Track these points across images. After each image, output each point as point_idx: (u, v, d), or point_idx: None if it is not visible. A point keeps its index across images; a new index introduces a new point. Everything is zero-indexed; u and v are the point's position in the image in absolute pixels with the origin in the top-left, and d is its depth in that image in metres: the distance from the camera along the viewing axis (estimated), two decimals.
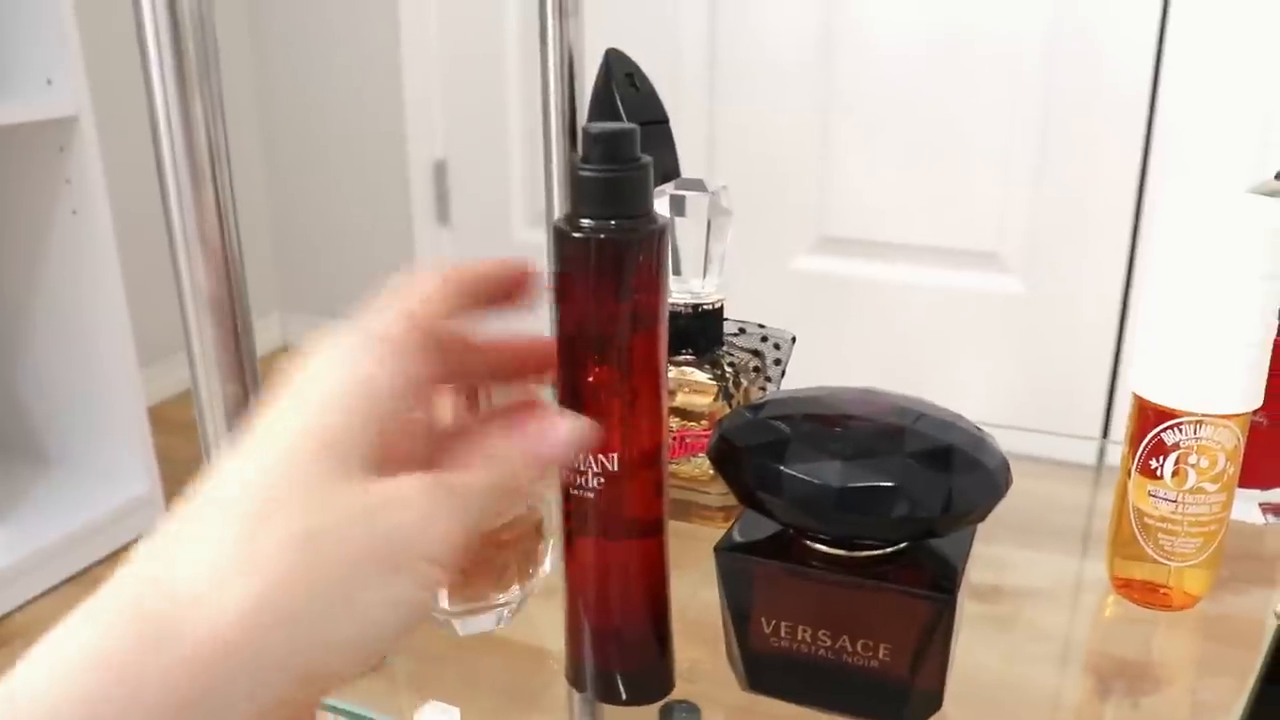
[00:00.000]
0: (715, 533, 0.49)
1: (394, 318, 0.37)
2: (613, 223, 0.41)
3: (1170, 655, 0.58)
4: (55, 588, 1.48)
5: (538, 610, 0.57)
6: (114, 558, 1.55)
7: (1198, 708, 0.53)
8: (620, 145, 0.41)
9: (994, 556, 0.63)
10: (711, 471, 0.61)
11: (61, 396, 1.63)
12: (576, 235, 0.41)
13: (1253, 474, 0.64)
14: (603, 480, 0.43)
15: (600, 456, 0.43)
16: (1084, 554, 0.66)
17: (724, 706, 0.52)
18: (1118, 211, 1.54)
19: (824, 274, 1.75)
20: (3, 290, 1.62)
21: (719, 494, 0.61)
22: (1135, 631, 0.58)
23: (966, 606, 0.56)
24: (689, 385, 0.60)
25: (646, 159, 0.41)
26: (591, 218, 0.41)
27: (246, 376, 0.50)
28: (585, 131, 0.41)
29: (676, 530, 0.48)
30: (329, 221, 2.20)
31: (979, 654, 0.54)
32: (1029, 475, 0.71)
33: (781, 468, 0.43)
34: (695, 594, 0.54)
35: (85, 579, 1.51)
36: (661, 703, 0.50)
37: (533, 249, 1.98)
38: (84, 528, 1.52)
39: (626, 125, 0.41)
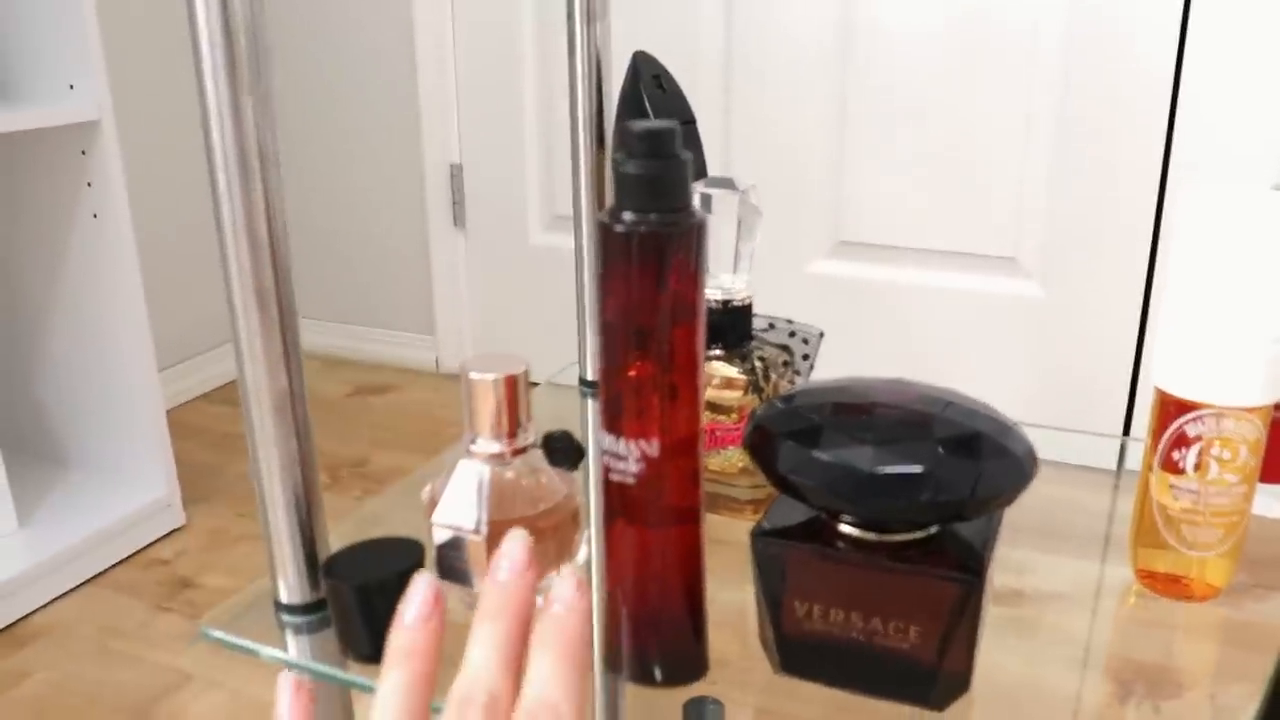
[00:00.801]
0: (741, 534, 0.50)
1: None
2: (653, 216, 0.42)
3: (1192, 658, 0.58)
4: (74, 590, 1.50)
5: None
6: (132, 560, 1.57)
7: (1219, 711, 0.54)
8: (662, 142, 0.42)
9: (1016, 560, 0.64)
10: (741, 465, 0.62)
11: (81, 399, 1.65)
12: (619, 229, 0.42)
13: (1275, 468, 0.65)
14: (642, 465, 0.45)
15: (641, 442, 0.44)
16: (1105, 557, 0.67)
17: (746, 706, 0.53)
18: (1137, 215, 1.55)
19: (841, 278, 1.76)
20: (24, 293, 1.63)
21: (748, 487, 0.63)
22: (1156, 634, 0.59)
23: (990, 609, 0.58)
24: (719, 379, 0.61)
25: (686, 155, 0.43)
26: (634, 211, 0.42)
27: (291, 369, 0.52)
28: (628, 129, 0.42)
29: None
30: (344, 225, 2.22)
31: (1001, 657, 0.54)
32: (1050, 480, 0.72)
33: (814, 453, 0.44)
34: (715, 596, 0.55)
35: (104, 581, 1.52)
36: (685, 699, 0.51)
37: (548, 253, 2.01)
38: (102, 530, 1.54)
39: (668, 122, 0.43)
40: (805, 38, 1.68)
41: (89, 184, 1.50)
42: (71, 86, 1.45)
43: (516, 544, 0.35)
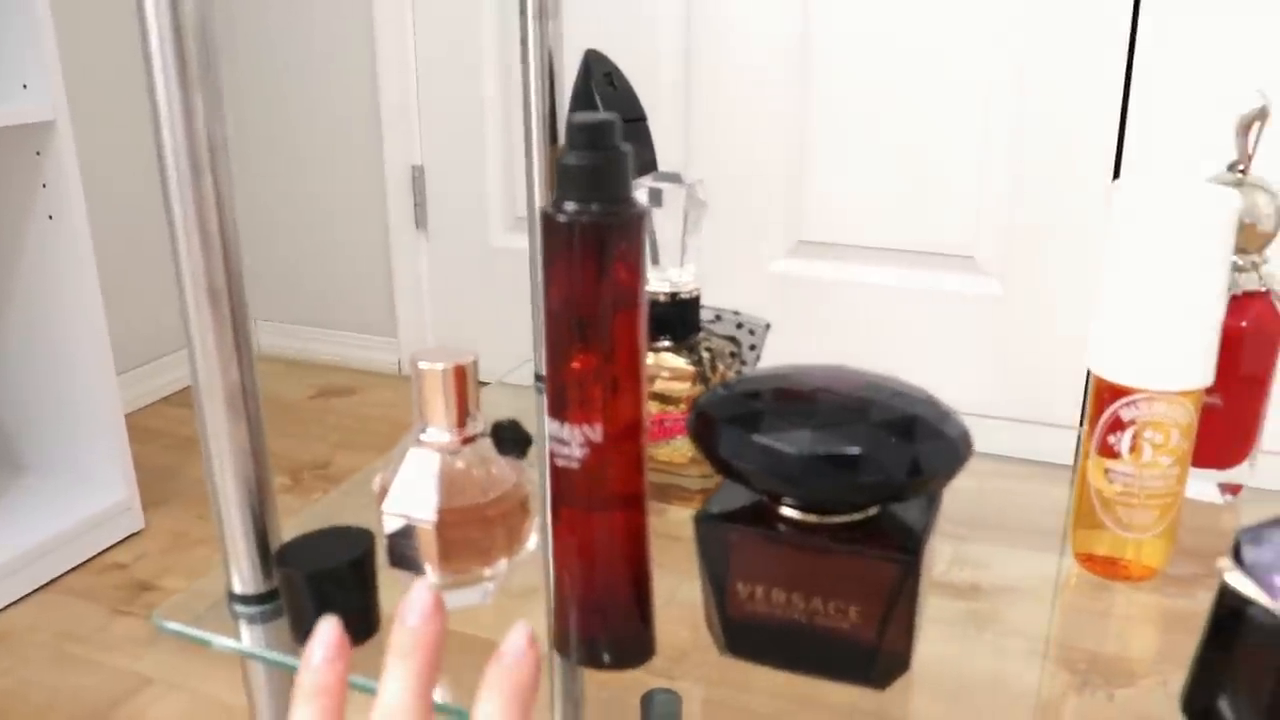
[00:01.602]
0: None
1: None
2: (595, 207, 0.43)
3: (1143, 645, 0.59)
4: (31, 594, 1.48)
5: (525, 589, 0.59)
6: (90, 564, 1.56)
7: (1170, 696, 0.56)
8: (601, 134, 0.43)
9: (973, 554, 0.65)
10: (690, 454, 0.63)
11: (38, 403, 1.63)
12: (561, 219, 0.43)
13: (1210, 455, 0.67)
14: (587, 451, 0.46)
15: (584, 427, 0.45)
16: (1062, 551, 0.69)
17: (702, 694, 0.54)
18: (1092, 214, 1.57)
19: (801, 277, 1.78)
20: None
21: (697, 476, 0.64)
22: (1109, 624, 0.60)
23: (945, 603, 0.59)
24: (667, 370, 0.62)
25: (626, 147, 0.44)
26: (575, 202, 0.43)
27: (243, 364, 0.52)
28: (569, 122, 0.43)
29: (654, 529, 0.50)
30: (304, 228, 2.21)
31: (958, 650, 0.56)
32: (1006, 475, 0.73)
33: (754, 437, 0.46)
34: (674, 589, 0.56)
35: (61, 586, 1.51)
36: (643, 690, 0.52)
37: (510, 254, 2.01)
38: (60, 534, 1.53)
39: (608, 115, 0.44)
40: (766, 37, 1.70)
41: (44, 185, 1.49)
42: (25, 86, 1.44)
43: (423, 591, 0.37)
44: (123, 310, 1.58)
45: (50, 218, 1.50)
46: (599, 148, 0.43)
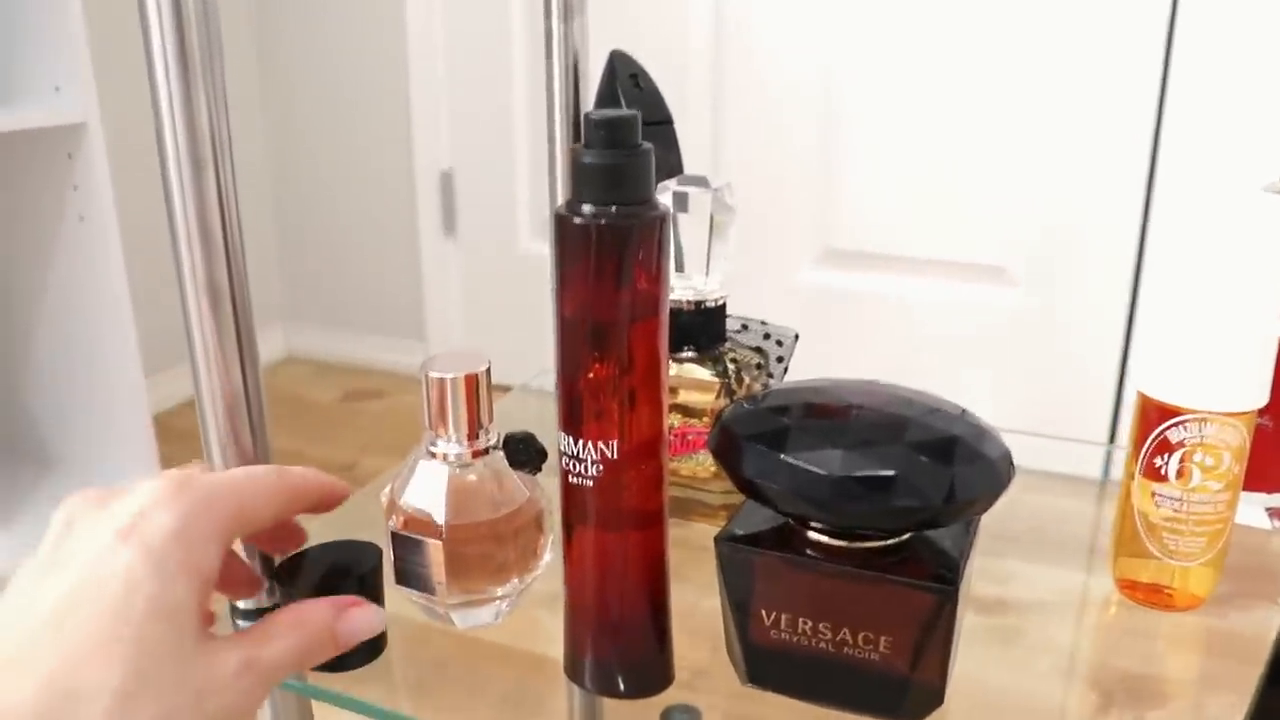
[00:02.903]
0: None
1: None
2: (614, 209, 0.41)
3: (1175, 667, 0.57)
4: None
5: (539, 613, 0.57)
6: None
7: None
8: (621, 131, 0.41)
9: (999, 569, 0.62)
10: (713, 469, 0.61)
11: (66, 402, 1.63)
12: (577, 221, 0.41)
13: (1259, 478, 0.64)
14: (601, 469, 0.43)
15: (600, 444, 0.43)
16: (1089, 567, 0.66)
17: (724, 714, 0.52)
18: (1124, 225, 1.54)
19: (828, 287, 1.75)
20: (10, 296, 1.62)
21: (720, 492, 0.61)
22: (1140, 644, 0.57)
23: (971, 619, 0.56)
24: (691, 382, 0.59)
25: (647, 145, 0.41)
26: (593, 203, 0.41)
27: (246, 369, 0.50)
28: (586, 117, 0.41)
29: (678, 540, 0.48)
30: (334, 231, 2.20)
31: (983, 667, 0.53)
32: (1034, 489, 0.71)
33: (781, 456, 0.43)
34: (697, 604, 0.54)
35: None
36: (663, 707, 0.49)
37: (538, 259, 2.00)
38: None
39: (628, 111, 0.41)
40: (795, 45, 1.67)
41: (75, 187, 1.49)
42: (57, 89, 1.44)
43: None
44: (151, 311, 1.58)
45: (81, 219, 1.50)
46: (620, 146, 0.41)
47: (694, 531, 0.61)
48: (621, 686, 0.48)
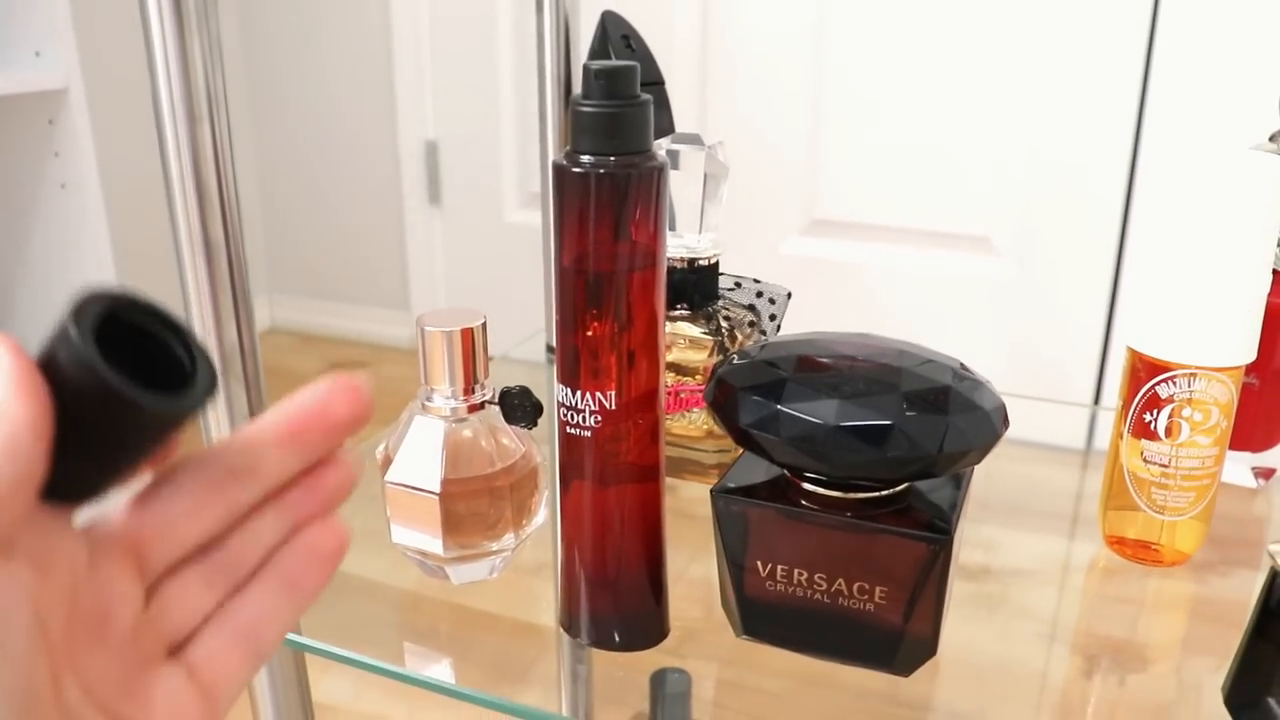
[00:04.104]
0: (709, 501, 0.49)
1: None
2: (613, 159, 0.41)
3: (1158, 632, 0.58)
4: None
5: (530, 579, 0.57)
6: None
7: (1184, 684, 0.54)
8: (620, 82, 0.41)
9: (984, 537, 0.63)
10: (706, 427, 0.61)
11: None
12: (576, 170, 0.41)
13: (1245, 437, 0.64)
14: (600, 420, 0.43)
15: (598, 394, 0.43)
16: (1074, 533, 0.67)
17: (716, 676, 0.52)
18: (1109, 195, 1.54)
19: (816, 256, 1.75)
20: None
21: (713, 451, 0.61)
22: (1124, 608, 0.58)
23: (958, 586, 0.57)
24: (684, 340, 0.60)
25: (646, 96, 0.41)
26: (591, 153, 0.41)
27: (242, 324, 0.50)
28: (586, 68, 0.41)
29: (668, 504, 0.48)
30: (318, 201, 2.19)
31: (969, 631, 0.54)
32: (1018, 459, 0.72)
33: (778, 407, 0.43)
34: (688, 567, 0.54)
35: None
36: (653, 670, 0.50)
37: (524, 230, 1.99)
38: None
39: (627, 62, 0.41)
40: (783, 14, 1.66)
41: (56, 154, 1.47)
42: (38, 54, 1.42)
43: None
44: (136, 280, 1.56)
45: (63, 186, 1.49)
46: (619, 96, 0.41)
47: (682, 497, 0.61)
48: (617, 639, 0.49)
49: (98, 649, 0.27)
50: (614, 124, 0.40)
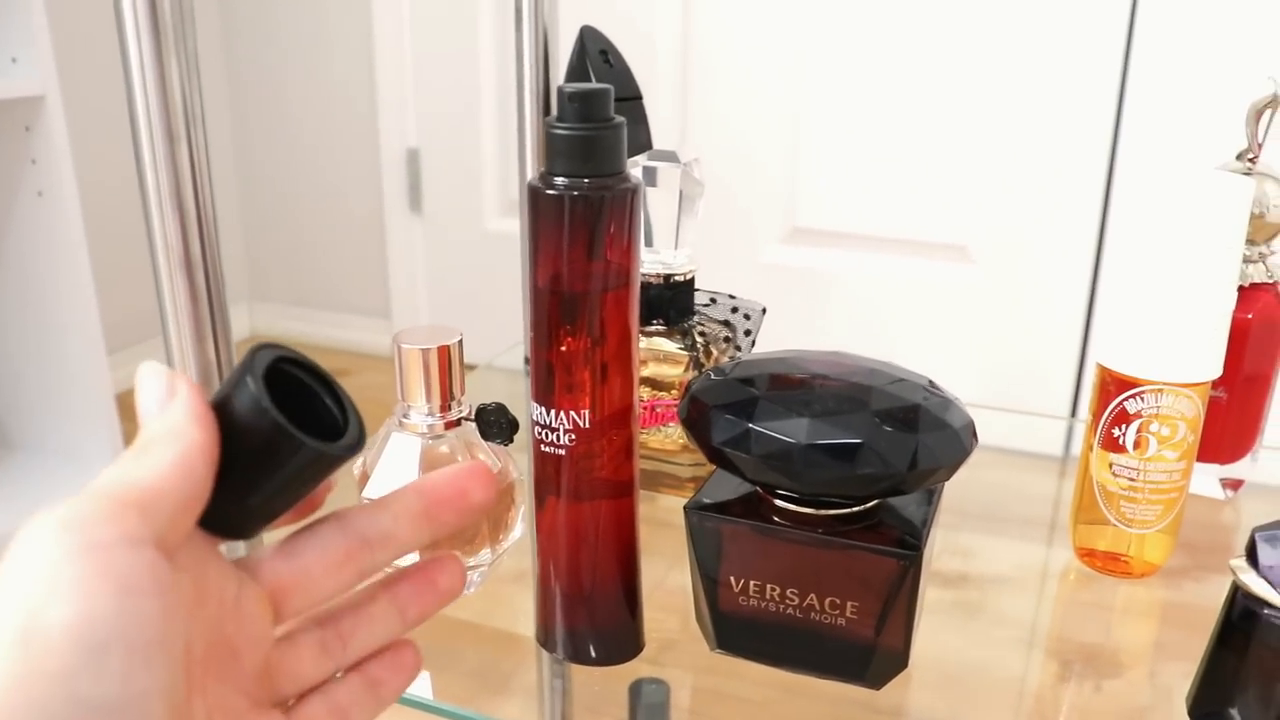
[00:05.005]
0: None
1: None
2: (586, 181, 0.41)
3: (1132, 638, 0.59)
4: None
5: (509, 590, 0.57)
6: None
7: (1158, 689, 0.54)
8: (594, 104, 0.41)
9: (961, 544, 0.64)
10: (681, 442, 0.62)
11: (28, 382, 1.61)
12: (550, 192, 0.41)
13: (1213, 449, 0.65)
14: (574, 437, 0.44)
15: (572, 413, 0.43)
16: (1049, 541, 0.68)
17: (692, 686, 0.53)
18: (1085, 206, 1.56)
19: (794, 265, 1.76)
20: None
21: (689, 464, 0.62)
22: (1098, 615, 0.59)
23: (933, 593, 0.58)
24: (660, 355, 0.60)
25: (620, 119, 0.42)
26: (565, 175, 0.41)
27: (219, 343, 0.51)
28: (560, 91, 0.41)
29: (644, 515, 0.49)
30: (299, 209, 2.19)
31: (945, 639, 0.54)
32: (995, 465, 0.72)
33: (750, 425, 0.44)
34: (664, 578, 0.54)
35: None
36: (631, 680, 0.50)
37: (505, 238, 1.99)
38: None
39: (601, 85, 0.42)
40: (763, 25, 1.67)
41: (33, 161, 1.47)
42: (14, 60, 1.42)
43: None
44: (114, 289, 1.56)
45: (40, 194, 1.48)
46: (593, 119, 0.41)
47: (660, 507, 0.62)
48: (593, 654, 0.49)
49: (226, 681, 0.29)
50: (588, 147, 0.41)
